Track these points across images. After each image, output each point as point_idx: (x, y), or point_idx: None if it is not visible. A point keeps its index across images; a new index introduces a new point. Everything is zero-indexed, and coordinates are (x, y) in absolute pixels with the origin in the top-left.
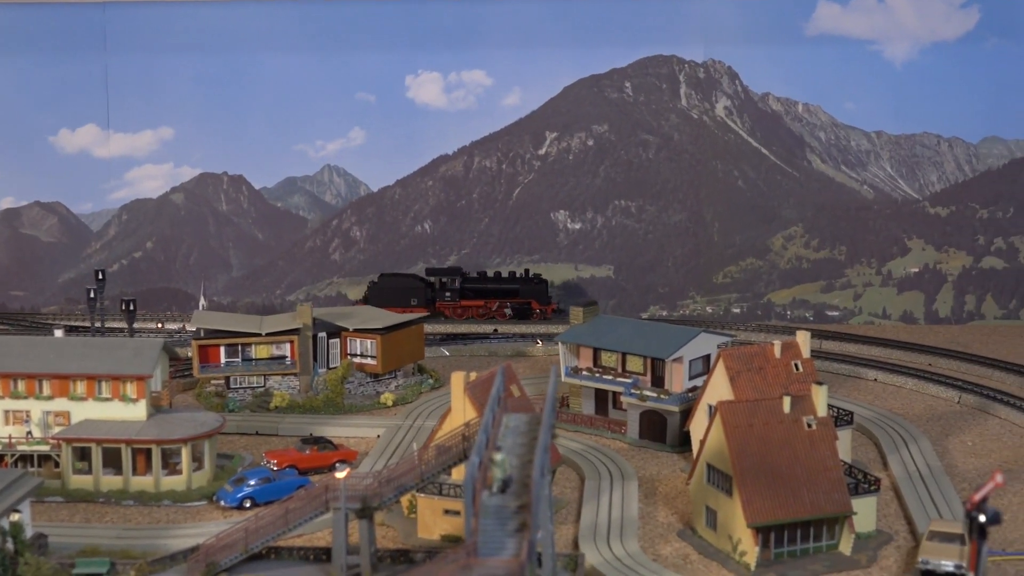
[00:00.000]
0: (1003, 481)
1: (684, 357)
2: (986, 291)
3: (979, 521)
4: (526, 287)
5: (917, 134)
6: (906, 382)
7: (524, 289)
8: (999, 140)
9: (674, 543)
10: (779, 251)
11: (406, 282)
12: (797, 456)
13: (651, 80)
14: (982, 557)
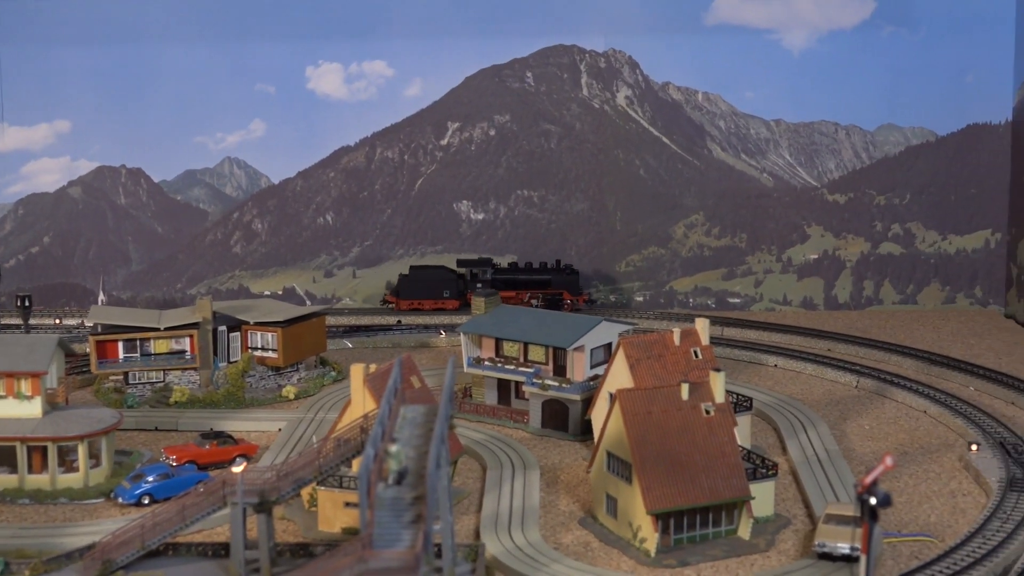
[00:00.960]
0: (893, 464)
1: (585, 346)
2: (884, 277)
3: (870, 503)
4: (557, 278)
5: (815, 122)
6: (805, 367)
7: (556, 280)
8: (895, 128)
9: (575, 531)
10: (681, 239)
11: (438, 274)
12: (695, 443)
13: (552, 70)
14: (874, 539)
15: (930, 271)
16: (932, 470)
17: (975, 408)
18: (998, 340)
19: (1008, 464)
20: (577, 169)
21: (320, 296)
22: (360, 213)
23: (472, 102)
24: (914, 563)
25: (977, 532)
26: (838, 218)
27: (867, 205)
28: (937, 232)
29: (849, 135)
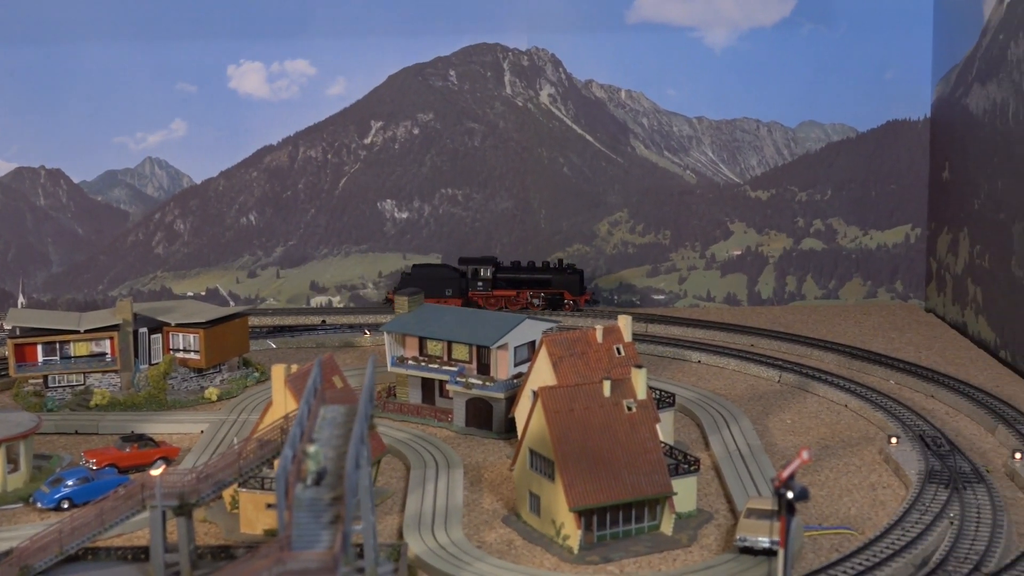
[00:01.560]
0: (809, 458)
1: (509, 344)
2: (806, 272)
3: (787, 497)
4: (558, 277)
5: (737, 119)
6: (729, 363)
7: (556, 279)
8: (816, 124)
9: (499, 529)
10: (605, 236)
11: (440, 272)
12: (618, 439)
13: (476, 68)
14: (791, 532)
15: (852, 266)
16: (853, 463)
17: (895, 401)
18: (918, 334)
19: (927, 456)
20: (501, 167)
21: (244, 296)
22: (283, 213)
23: (395, 101)
24: (835, 556)
25: (896, 524)
26: (761, 214)
27: (789, 201)
28: (858, 227)
29: (771, 132)
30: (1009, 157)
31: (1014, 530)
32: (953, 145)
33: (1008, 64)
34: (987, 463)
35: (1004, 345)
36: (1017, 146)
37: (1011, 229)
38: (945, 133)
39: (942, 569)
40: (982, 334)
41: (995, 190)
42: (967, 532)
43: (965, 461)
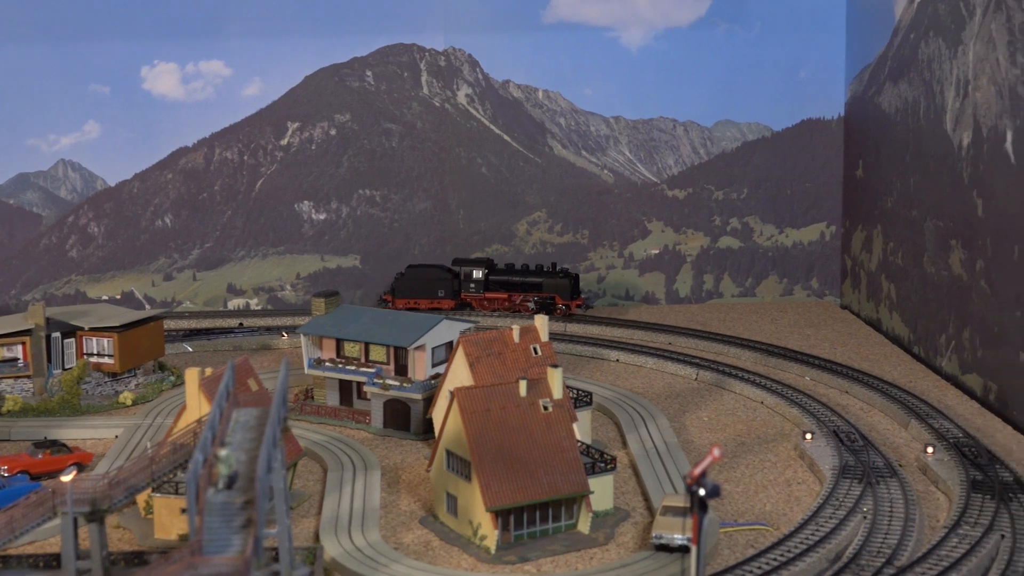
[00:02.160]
0: (721, 455)
1: (427, 345)
2: (723, 270)
3: (699, 495)
4: (549, 281)
5: (654, 119)
6: (647, 361)
7: (547, 283)
8: (732, 123)
9: (416, 530)
10: (524, 236)
11: (433, 273)
12: (534, 439)
13: (392, 69)
14: (704, 529)
15: (768, 264)
16: (768, 459)
17: (810, 398)
18: (833, 330)
19: (841, 452)
20: (419, 168)
21: (160, 300)
22: (199, 215)
23: (312, 101)
24: (750, 551)
25: (811, 519)
26: (678, 213)
27: (706, 200)
28: (774, 226)
29: (687, 131)
30: (920, 155)
31: (926, 523)
32: (866, 143)
33: (919, 63)
34: (900, 457)
35: (917, 341)
36: (928, 144)
37: (923, 226)
38: (858, 132)
39: (855, 563)
40: (896, 330)
41: (907, 188)
42: (880, 526)
43: (878, 456)
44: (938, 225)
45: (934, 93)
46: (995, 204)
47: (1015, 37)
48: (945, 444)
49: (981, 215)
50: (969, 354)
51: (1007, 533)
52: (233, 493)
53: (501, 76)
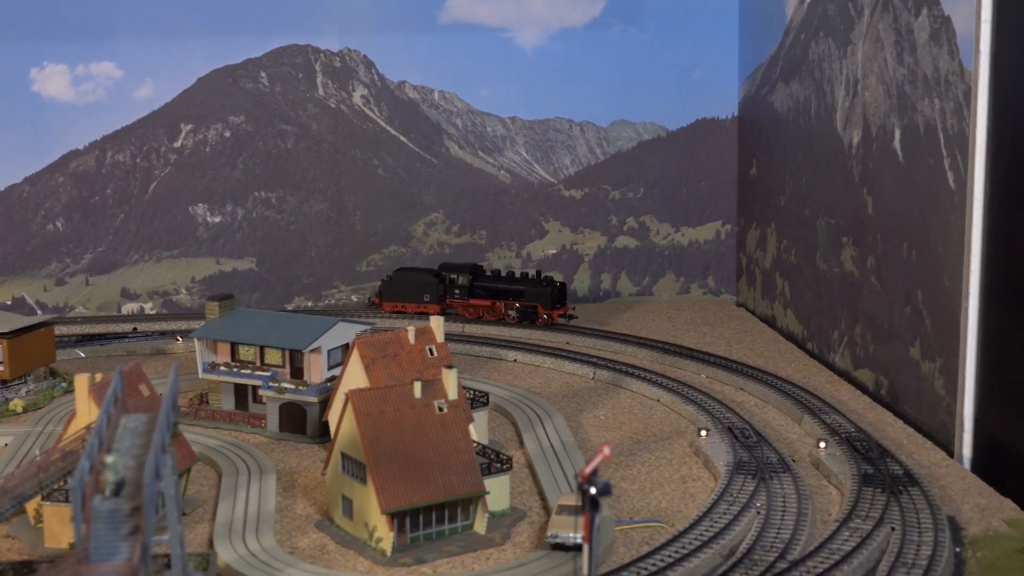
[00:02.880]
0: (611, 454)
1: (322, 347)
2: (621, 269)
3: (591, 493)
4: (532, 289)
5: (550, 119)
6: (544, 361)
7: (528, 291)
8: (627, 123)
9: (312, 534)
10: (421, 237)
11: (420, 277)
12: (429, 440)
13: (287, 70)
14: (596, 527)
15: (665, 263)
16: (664, 457)
17: (706, 395)
18: (729, 328)
19: (735, 448)
20: (315, 170)
21: (52, 305)
22: (92, 219)
23: (205, 103)
24: (645, 548)
25: (705, 515)
26: (575, 213)
27: (603, 200)
28: (670, 225)
29: (583, 131)
30: (811, 154)
31: (818, 517)
32: (760, 143)
33: (810, 63)
34: (793, 453)
35: (810, 337)
36: (819, 143)
37: (815, 224)
38: (752, 131)
39: (749, 558)
40: (790, 327)
41: (800, 186)
42: (773, 521)
43: (772, 451)
44: (830, 223)
45: (824, 92)
46: (884, 202)
47: (902, 37)
48: (837, 439)
49: (871, 212)
50: (861, 350)
51: (897, 526)
52: (120, 500)
53: (397, 77)
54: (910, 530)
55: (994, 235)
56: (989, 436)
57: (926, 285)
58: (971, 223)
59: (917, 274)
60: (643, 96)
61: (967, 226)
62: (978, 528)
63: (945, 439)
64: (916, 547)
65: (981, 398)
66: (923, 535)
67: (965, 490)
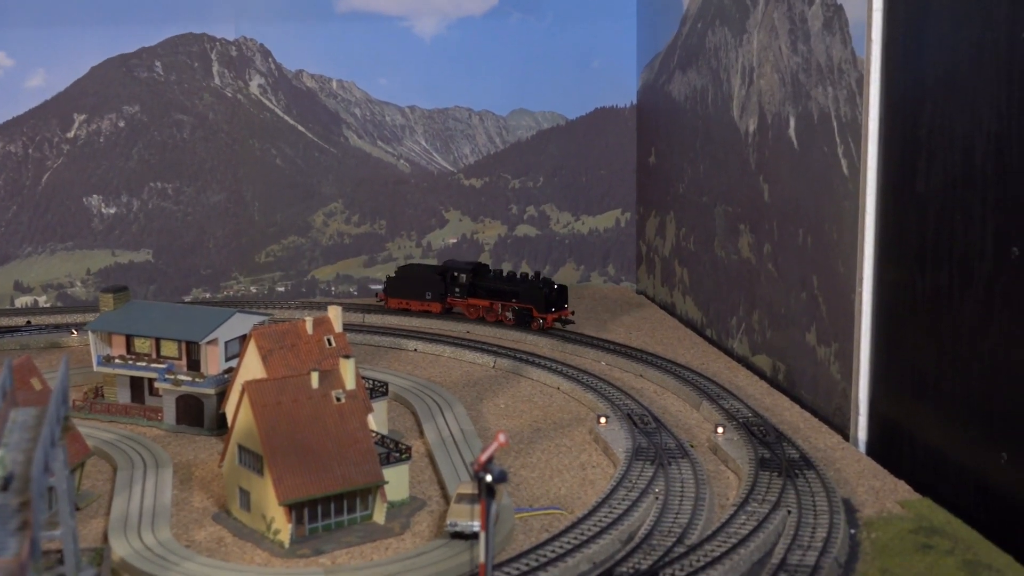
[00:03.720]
0: (506, 441)
1: (219, 339)
2: (521, 258)
3: (486, 481)
4: (526, 291)
5: (449, 108)
6: (445, 350)
7: (523, 292)
8: (527, 112)
9: (208, 527)
10: (321, 228)
11: (423, 274)
12: (327, 431)
13: (182, 59)
14: (491, 515)
15: (565, 251)
16: (564, 444)
17: (605, 382)
18: (629, 315)
19: (634, 434)
20: (212, 160)
21: None
22: None
23: (99, 92)
24: (544, 535)
25: (604, 502)
26: (475, 202)
27: (502, 189)
28: (570, 213)
29: (483, 120)
30: (709, 141)
31: (716, 502)
32: (658, 131)
33: (706, 52)
34: (692, 438)
35: (709, 324)
36: (716, 131)
37: (713, 212)
38: (650, 120)
39: (647, 543)
40: (689, 314)
41: (698, 174)
42: (671, 506)
43: (671, 437)
44: (727, 210)
45: (721, 81)
46: (780, 189)
47: (795, 26)
48: (735, 424)
49: (767, 200)
50: (759, 336)
51: (793, 509)
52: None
53: (294, 66)
54: (806, 513)
55: (886, 221)
56: (883, 419)
57: (821, 271)
58: (864, 209)
59: (812, 260)
60: (542, 85)
61: (860, 212)
62: (872, 510)
63: (841, 423)
64: (812, 529)
65: (875, 382)
66: (819, 517)
67: (860, 473)
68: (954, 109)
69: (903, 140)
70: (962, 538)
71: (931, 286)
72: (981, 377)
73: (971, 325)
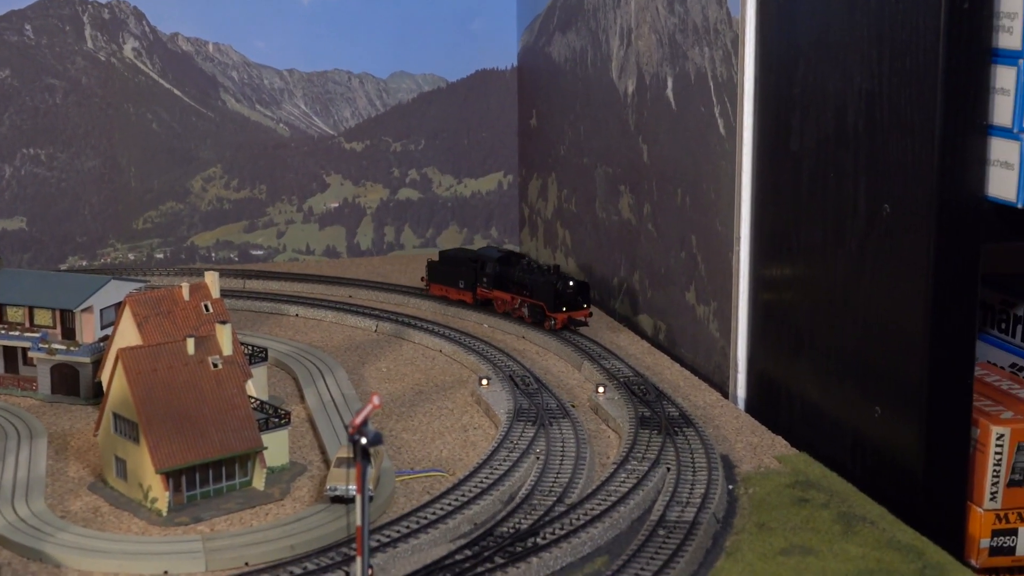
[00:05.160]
0: (380, 403)
1: (94, 306)
2: (404, 222)
3: (361, 443)
4: (540, 286)
5: (329, 71)
6: (326, 315)
7: (538, 288)
8: (407, 75)
9: (84, 497)
10: (199, 193)
11: (459, 260)
12: (204, 397)
13: (53, 22)
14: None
15: (448, 214)
16: (446, 407)
17: (488, 344)
18: None
19: (516, 396)
20: (86, 125)
21: None
22: None
23: None
24: (425, 497)
25: (485, 463)
26: (356, 166)
27: (384, 152)
28: (453, 176)
29: (363, 83)
30: (589, 103)
31: (596, 461)
32: (539, 93)
33: (585, 12)
34: (573, 398)
35: (592, 285)
36: (596, 92)
37: (594, 173)
38: (531, 82)
39: (528, 503)
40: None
41: (579, 136)
42: (552, 466)
43: (552, 398)
44: (608, 171)
45: (600, 42)
46: (659, 149)
47: None
48: (616, 383)
49: (646, 160)
50: (640, 295)
51: (672, 466)
52: None
53: (169, 29)
54: (685, 470)
55: (762, 180)
56: (761, 376)
57: (700, 231)
58: (741, 169)
59: (691, 220)
60: (422, 47)
61: (737, 172)
62: (750, 465)
63: (720, 380)
64: (691, 486)
65: (753, 340)
66: (697, 474)
67: (739, 429)
68: (827, 68)
69: (778, 99)
70: (837, 491)
71: (806, 244)
72: (854, 333)
73: (844, 282)
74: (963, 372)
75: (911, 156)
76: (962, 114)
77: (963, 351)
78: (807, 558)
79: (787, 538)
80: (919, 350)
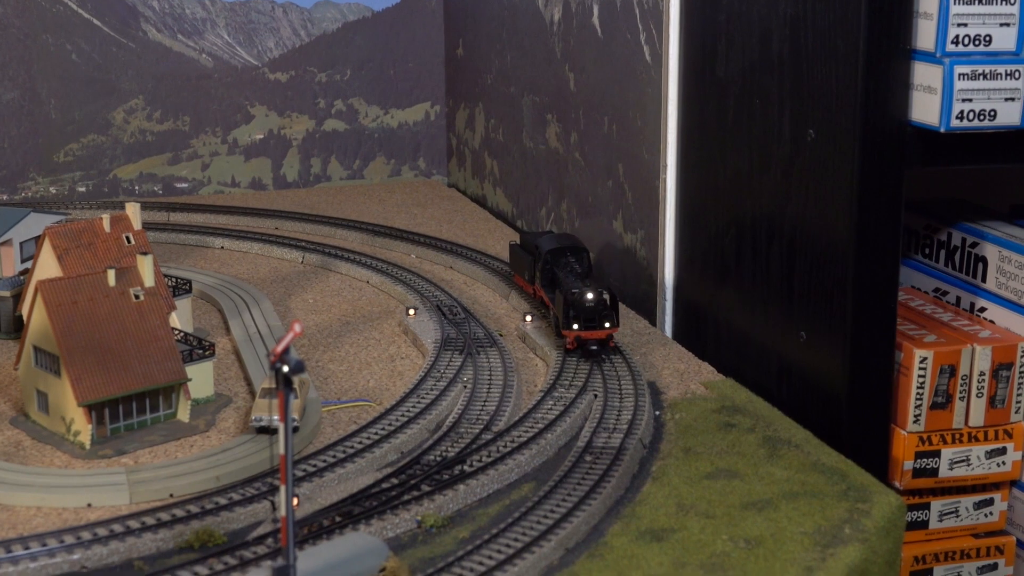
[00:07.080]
0: (301, 331)
1: (14, 240)
2: (330, 153)
3: (283, 372)
4: (557, 296)
5: (251, 1)
6: (252, 247)
7: (557, 297)
8: (332, 4)
9: (6, 431)
10: (121, 125)
11: (525, 248)
12: (126, 329)
13: None
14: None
15: (375, 145)
16: (373, 337)
17: (415, 275)
18: (440, 208)
19: (443, 325)
20: (3, 56)
21: None
22: None
23: None
24: (352, 427)
25: (412, 392)
26: (281, 97)
27: (309, 83)
28: (379, 107)
29: (287, 13)
30: (516, 32)
31: (524, 389)
32: (466, 22)
33: None
34: (500, 327)
35: (520, 215)
36: (522, 21)
37: (521, 103)
38: (458, 10)
39: (455, 431)
40: (500, 205)
41: (505, 65)
42: (479, 394)
43: (480, 327)
44: (535, 100)
45: None
46: (585, 78)
47: None
48: (543, 312)
49: (573, 89)
50: (568, 225)
51: (599, 392)
52: None
53: None
54: (612, 396)
55: (689, 107)
56: (688, 303)
57: (627, 159)
58: (667, 96)
59: (618, 148)
60: None
61: (663, 99)
62: (677, 392)
63: (648, 308)
64: (618, 412)
65: (680, 267)
66: (624, 400)
67: (666, 356)
68: None
69: (703, 26)
70: (763, 416)
71: (732, 170)
72: (780, 259)
73: (770, 208)
74: (887, 296)
75: (835, 81)
76: (885, 39)
77: (887, 275)
78: (732, 481)
79: (713, 462)
80: (843, 275)
